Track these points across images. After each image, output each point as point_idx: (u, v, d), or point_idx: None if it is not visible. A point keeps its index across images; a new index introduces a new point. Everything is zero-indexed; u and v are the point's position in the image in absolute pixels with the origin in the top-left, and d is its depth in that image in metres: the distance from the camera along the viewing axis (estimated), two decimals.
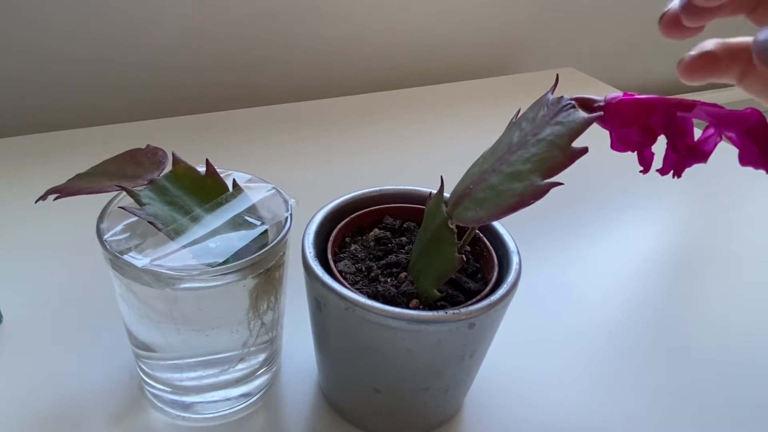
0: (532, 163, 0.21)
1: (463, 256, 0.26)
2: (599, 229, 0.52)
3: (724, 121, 0.20)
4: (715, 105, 0.20)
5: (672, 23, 0.24)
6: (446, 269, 0.26)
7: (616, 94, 0.21)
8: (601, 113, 0.21)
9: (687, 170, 0.22)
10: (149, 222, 0.26)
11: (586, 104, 0.21)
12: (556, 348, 0.39)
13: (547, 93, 0.22)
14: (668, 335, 0.41)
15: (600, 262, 0.48)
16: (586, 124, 0.20)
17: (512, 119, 0.24)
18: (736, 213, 0.56)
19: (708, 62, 0.25)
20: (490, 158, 0.23)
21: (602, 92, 0.33)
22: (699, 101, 0.20)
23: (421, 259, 0.28)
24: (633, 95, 0.21)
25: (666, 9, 0.22)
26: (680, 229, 0.54)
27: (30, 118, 0.62)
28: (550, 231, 0.50)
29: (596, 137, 0.24)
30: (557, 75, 0.23)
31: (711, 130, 0.21)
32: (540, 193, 0.21)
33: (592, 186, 0.57)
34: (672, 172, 0.22)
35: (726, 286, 0.46)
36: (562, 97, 0.21)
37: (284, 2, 0.67)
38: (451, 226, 0.25)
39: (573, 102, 0.21)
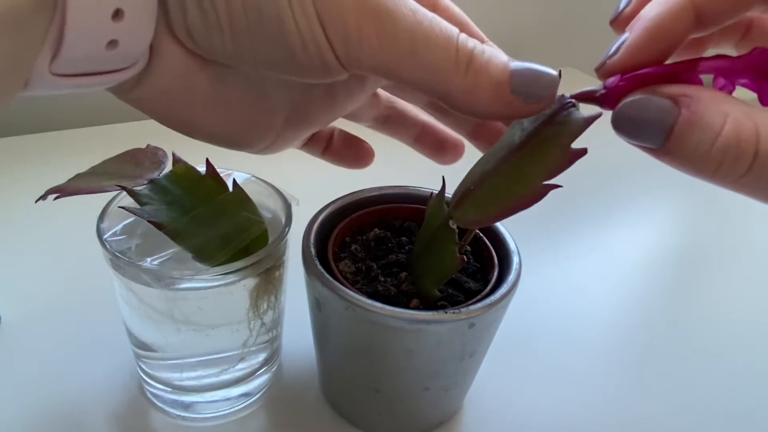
0: (533, 165, 0.21)
1: (464, 256, 0.26)
2: (599, 229, 0.52)
3: (733, 70, 0.19)
4: (718, 57, 0.19)
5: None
6: (447, 269, 0.26)
7: (614, 77, 0.20)
8: (601, 113, 0.21)
9: None
10: (149, 222, 0.26)
11: (586, 97, 0.21)
12: (556, 348, 0.39)
13: None
14: (669, 334, 0.41)
15: (600, 261, 0.48)
16: (585, 125, 0.20)
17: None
18: (737, 210, 0.56)
19: (694, 46, 0.25)
20: (492, 159, 0.23)
21: None
22: (701, 58, 0.19)
23: (421, 259, 0.28)
24: (632, 73, 0.20)
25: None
26: (681, 227, 0.54)
27: (30, 118, 0.62)
28: (551, 231, 0.50)
29: (597, 137, 0.24)
30: (559, 71, 0.23)
31: (722, 81, 0.20)
32: (540, 195, 0.21)
33: (593, 186, 0.57)
34: None
35: (728, 284, 0.46)
36: (562, 95, 0.21)
37: None
38: (452, 226, 0.25)
39: (573, 101, 0.21)
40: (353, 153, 0.32)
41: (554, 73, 0.21)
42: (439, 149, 0.31)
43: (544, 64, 0.21)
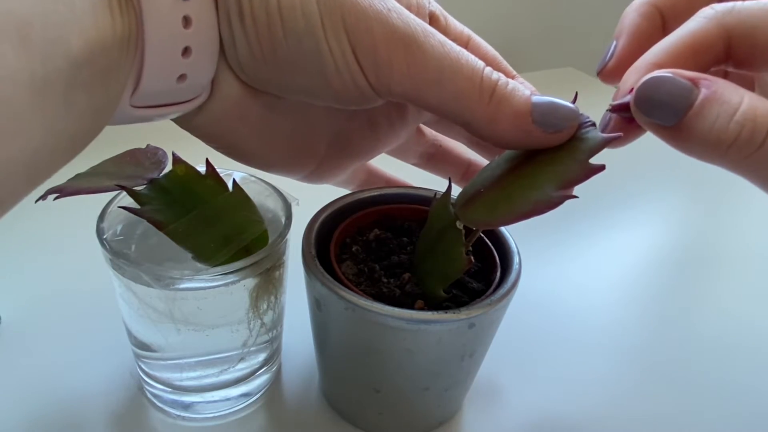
0: (549, 175, 0.22)
1: (471, 257, 0.26)
2: (600, 229, 0.52)
3: None
4: None
5: None
6: (454, 270, 0.26)
7: (623, 99, 0.21)
8: (621, 135, 0.21)
9: (688, 170, 0.22)
10: (149, 222, 0.26)
11: (623, 108, 0.21)
12: (556, 348, 0.39)
13: None
14: (670, 335, 0.41)
15: (601, 262, 0.48)
16: (605, 143, 0.21)
17: None
18: (737, 211, 0.57)
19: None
20: (503, 165, 0.24)
21: (602, 92, 0.33)
22: None
23: (426, 259, 0.28)
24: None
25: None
26: (681, 228, 0.54)
27: None
28: (551, 231, 0.50)
29: None
30: (576, 93, 0.23)
31: None
32: (554, 204, 0.22)
33: (593, 186, 0.57)
34: None
35: (729, 284, 0.46)
36: (582, 114, 0.22)
37: None
38: (459, 227, 0.25)
39: (593, 120, 0.22)
40: None
41: (575, 107, 0.22)
42: None
43: (566, 100, 0.22)
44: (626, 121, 0.21)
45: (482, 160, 0.33)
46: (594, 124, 0.22)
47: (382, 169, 0.35)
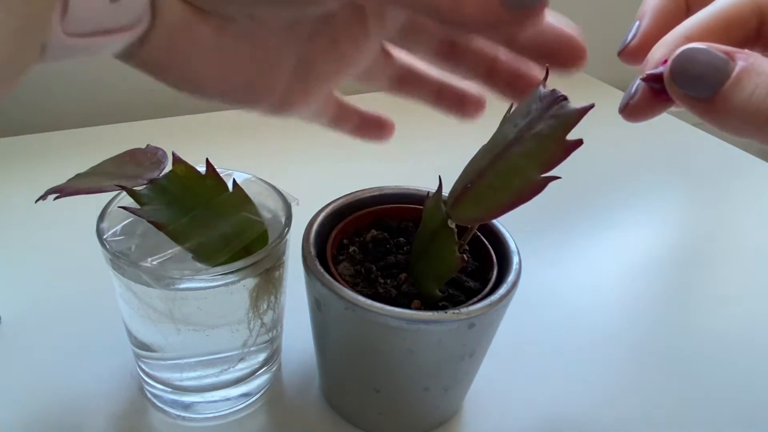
0: (529, 158, 0.21)
1: (464, 255, 0.26)
2: (600, 229, 0.52)
3: None
4: None
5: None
6: (447, 269, 0.26)
7: (657, 70, 0.20)
8: (593, 104, 0.21)
9: (688, 170, 0.22)
10: (149, 222, 0.26)
11: (655, 78, 0.21)
12: (556, 348, 0.39)
13: (538, 86, 0.22)
14: (670, 335, 0.41)
15: (601, 262, 0.48)
16: (579, 116, 0.20)
17: (505, 114, 0.24)
18: (738, 212, 0.56)
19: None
20: (487, 155, 0.23)
21: (602, 92, 0.33)
22: None
23: (421, 259, 0.28)
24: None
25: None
26: (681, 227, 0.54)
27: (30, 118, 0.62)
28: (551, 231, 0.50)
29: (598, 138, 0.24)
30: (547, 67, 0.23)
31: None
32: (538, 188, 0.21)
33: (593, 186, 0.57)
34: None
35: (728, 284, 0.46)
36: (554, 90, 0.21)
37: None
38: (450, 225, 0.25)
39: (565, 95, 0.21)
40: (378, 124, 0.33)
41: None
42: (461, 104, 0.31)
43: None
44: (654, 92, 0.21)
45: (455, 80, 0.32)
46: (566, 98, 0.21)
47: (354, 104, 0.33)
